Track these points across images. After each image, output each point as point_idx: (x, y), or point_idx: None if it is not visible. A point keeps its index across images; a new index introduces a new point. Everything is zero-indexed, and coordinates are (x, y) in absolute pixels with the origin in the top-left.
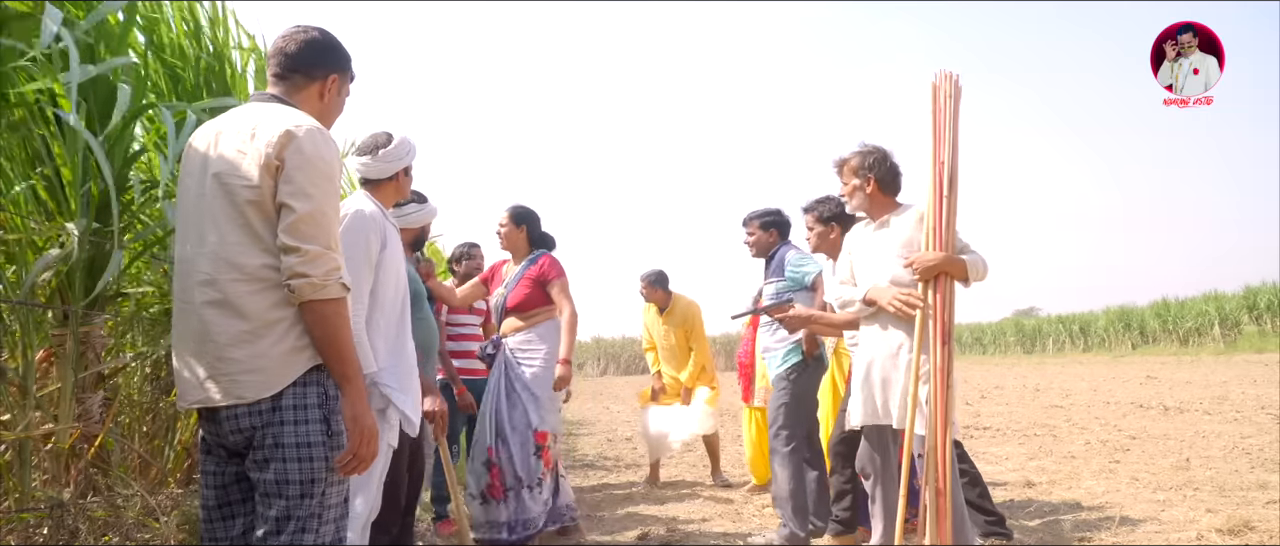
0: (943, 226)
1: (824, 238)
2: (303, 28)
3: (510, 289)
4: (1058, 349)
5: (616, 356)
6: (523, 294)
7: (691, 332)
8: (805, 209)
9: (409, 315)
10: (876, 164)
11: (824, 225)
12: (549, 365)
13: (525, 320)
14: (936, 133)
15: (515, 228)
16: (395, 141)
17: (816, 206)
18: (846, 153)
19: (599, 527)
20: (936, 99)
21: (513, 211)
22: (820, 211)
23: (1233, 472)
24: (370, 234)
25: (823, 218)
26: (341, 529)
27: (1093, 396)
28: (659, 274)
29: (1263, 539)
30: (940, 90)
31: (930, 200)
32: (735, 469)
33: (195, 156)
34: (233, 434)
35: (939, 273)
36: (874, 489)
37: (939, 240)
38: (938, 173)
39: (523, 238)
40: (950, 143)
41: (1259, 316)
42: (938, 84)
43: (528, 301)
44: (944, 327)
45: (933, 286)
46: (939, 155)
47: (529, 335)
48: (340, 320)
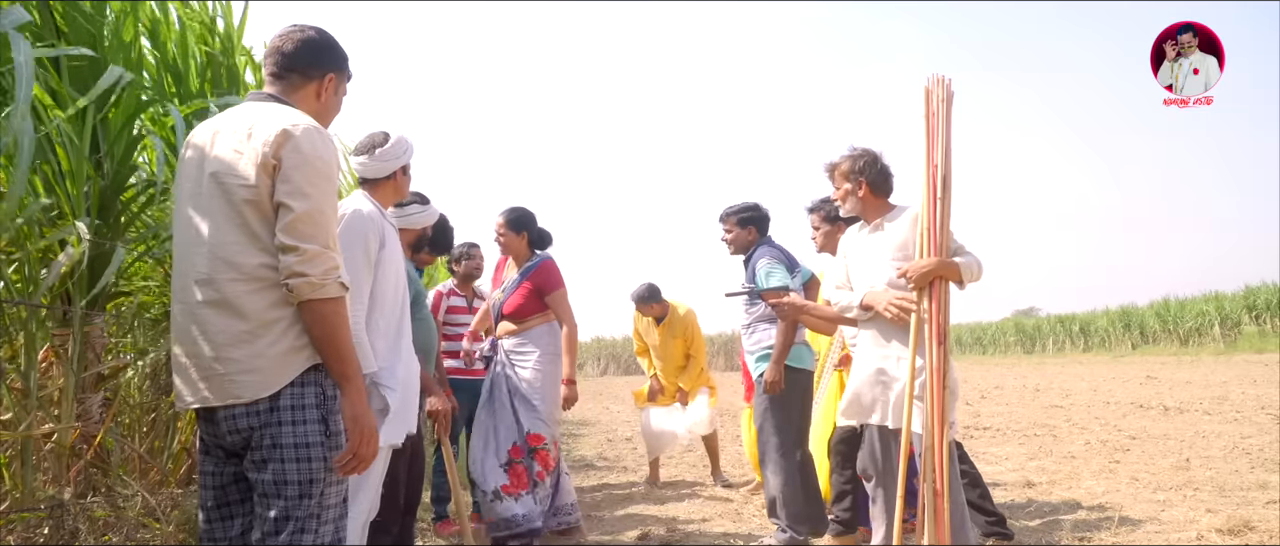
0: (937, 229)
1: (830, 238)
2: (299, 27)
3: (507, 294)
4: (1058, 349)
5: (617, 356)
6: (518, 302)
7: (691, 342)
8: (810, 209)
9: (409, 315)
10: (867, 167)
11: (830, 225)
12: (541, 369)
13: (519, 326)
14: (929, 136)
15: (514, 234)
16: (392, 140)
17: (821, 206)
18: (836, 157)
19: (599, 527)
20: (929, 102)
21: (508, 217)
22: (826, 211)
23: (1233, 473)
24: (368, 234)
25: (829, 217)
26: (341, 529)
27: (1093, 396)
28: (649, 289)
29: (1263, 539)
30: (933, 94)
31: (924, 203)
32: (735, 469)
33: (192, 156)
34: (231, 434)
35: (934, 278)
36: (876, 490)
37: (933, 244)
38: (931, 175)
39: (523, 242)
40: (943, 146)
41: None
42: (930, 88)
43: (524, 309)
44: (939, 329)
45: (927, 290)
46: (932, 158)
47: (522, 339)
48: (339, 319)
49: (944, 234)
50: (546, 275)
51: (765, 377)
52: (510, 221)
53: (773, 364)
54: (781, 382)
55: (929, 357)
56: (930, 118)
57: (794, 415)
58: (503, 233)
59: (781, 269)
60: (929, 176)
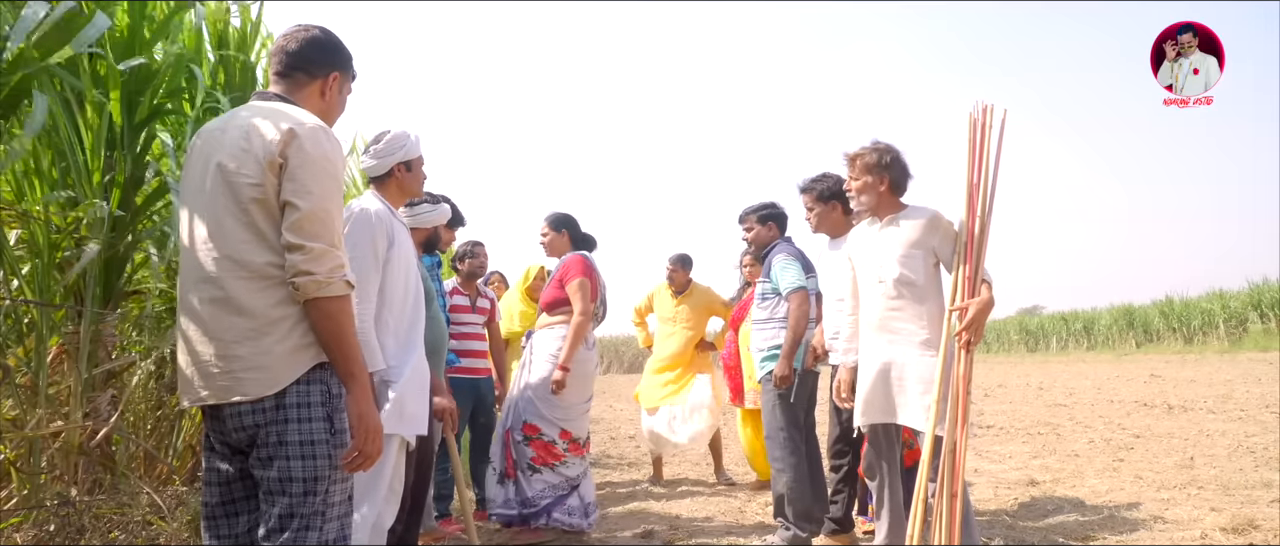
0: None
1: (824, 218)
2: (304, 26)
3: (546, 288)
4: (1061, 347)
5: (619, 355)
6: (551, 295)
7: (713, 305)
8: (802, 188)
9: (422, 314)
10: (892, 164)
11: (823, 204)
12: (551, 364)
13: (552, 318)
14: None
15: (556, 233)
16: (388, 136)
17: (813, 185)
18: (861, 147)
19: (601, 525)
20: (973, 130)
21: (550, 219)
22: (818, 190)
23: (1237, 471)
24: (376, 232)
25: (822, 196)
26: (346, 526)
27: (1096, 395)
28: (684, 256)
29: (1267, 538)
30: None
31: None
32: (738, 467)
33: (199, 155)
34: (236, 431)
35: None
36: (881, 490)
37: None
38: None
39: (564, 240)
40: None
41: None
42: (975, 116)
43: (555, 301)
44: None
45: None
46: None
47: (545, 333)
48: (345, 317)
49: (981, 258)
50: (569, 265)
51: (775, 373)
52: (551, 221)
53: (782, 359)
54: (792, 377)
55: (956, 364)
56: (974, 145)
57: (800, 413)
58: (545, 232)
59: (797, 267)
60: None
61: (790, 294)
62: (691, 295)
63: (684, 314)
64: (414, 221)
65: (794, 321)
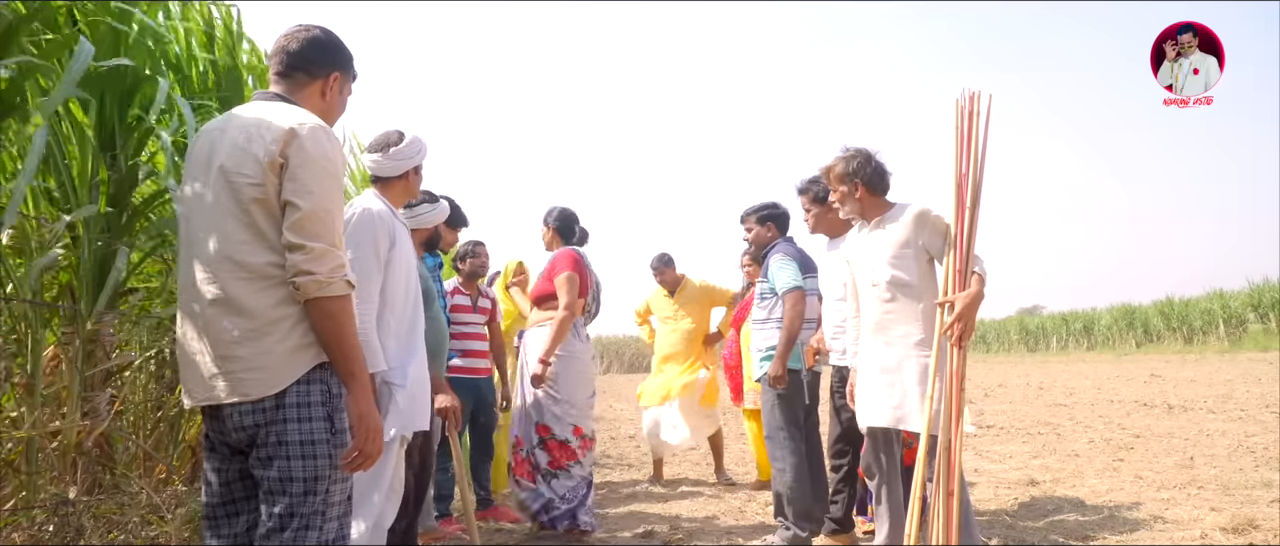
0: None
1: (821, 218)
2: (304, 26)
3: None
4: (1061, 347)
5: (619, 354)
6: (540, 289)
7: (713, 295)
8: (799, 190)
9: (422, 314)
10: (861, 167)
11: (820, 205)
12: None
13: (542, 313)
14: (959, 151)
15: (546, 228)
16: (407, 140)
17: (810, 187)
18: (830, 161)
19: (602, 525)
20: (960, 117)
21: (544, 214)
22: (814, 191)
23: (1237, 471)
24: (378, 233)
25: (818, 197)
26: (345, 525)
27: (1096, 394)
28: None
29: (1267, 537)
30: (964, 110)
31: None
32: (738, 467)
33: (200, 154)
34: (236, 431)
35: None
36: (879, 489)
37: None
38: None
39: (551, 235)
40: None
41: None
42: (961, 103)
43: (543, 295)
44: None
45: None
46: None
47: (536, 331)
48: (345, 317)
49: (971, 249)
50: (557, 259)
51: (769, 372)
52: (545, 216)
53: (776, 359)
54: (785, 377)
55: (949, 361)
56: (961, 132)
57: (800, 413)
58: (544, 229)
59: (793, 267)
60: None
61: (785, 294)
62: (685, 290)
63: (682, 309)
64: (414, 222)
65: (788, 321)
